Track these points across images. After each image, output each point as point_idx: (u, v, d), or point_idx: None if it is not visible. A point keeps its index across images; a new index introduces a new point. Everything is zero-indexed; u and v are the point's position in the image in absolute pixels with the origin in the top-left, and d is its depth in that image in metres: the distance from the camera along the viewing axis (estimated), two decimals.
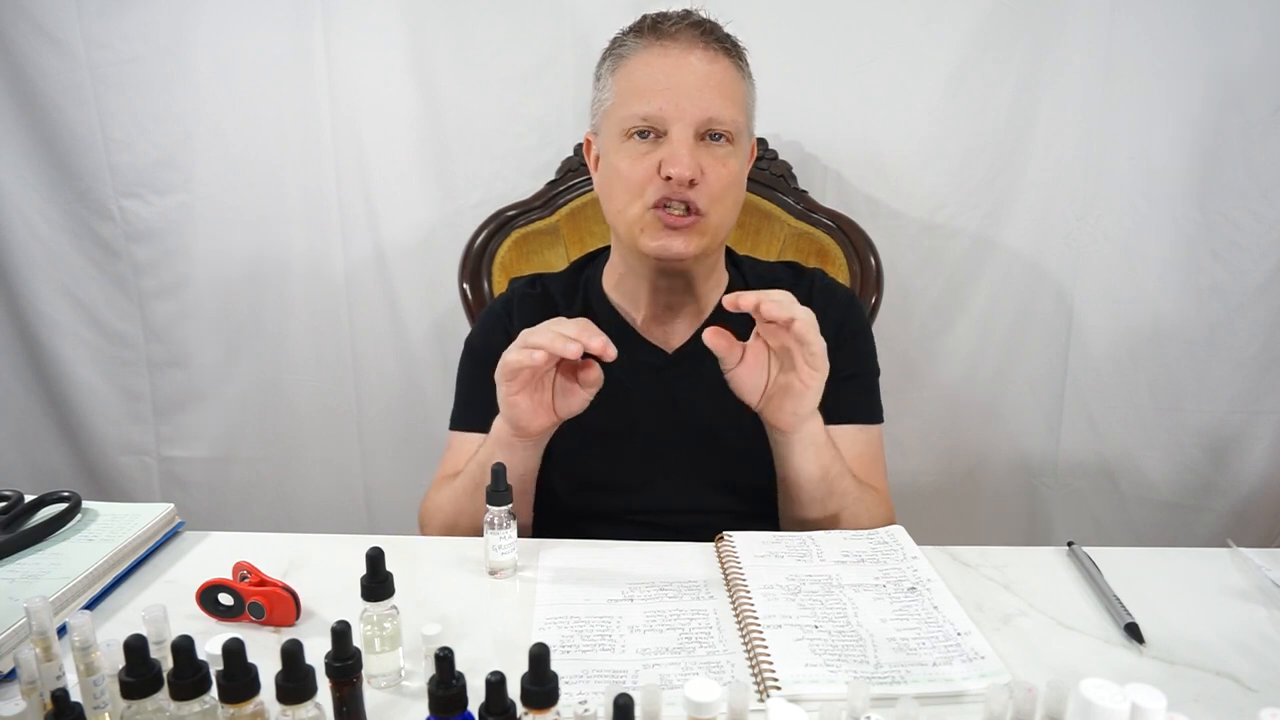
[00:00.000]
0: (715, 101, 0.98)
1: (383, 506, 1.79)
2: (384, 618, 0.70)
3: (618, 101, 1.02)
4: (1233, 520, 1.64)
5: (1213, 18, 1.43)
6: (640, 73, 1.00)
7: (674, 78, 0.98)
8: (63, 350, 1.71)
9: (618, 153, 1.02)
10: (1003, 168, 1.55)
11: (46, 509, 0.93)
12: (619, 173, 1.01)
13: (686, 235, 1.00)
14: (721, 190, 1.00)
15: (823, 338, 0.91)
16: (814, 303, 1.10)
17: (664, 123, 0.98)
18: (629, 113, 1.00)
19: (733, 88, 1.01)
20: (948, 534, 1.16)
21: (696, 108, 0.98)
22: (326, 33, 1.52)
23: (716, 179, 0.99)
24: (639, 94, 0.99)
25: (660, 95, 0.98)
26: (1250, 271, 1.53)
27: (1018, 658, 0.74)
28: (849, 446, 1.08)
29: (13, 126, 1.59)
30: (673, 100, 0.98)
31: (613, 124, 1.02)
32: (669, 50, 0.99)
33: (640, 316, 1.11)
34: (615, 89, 1.02)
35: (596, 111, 1.07)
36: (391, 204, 1.61)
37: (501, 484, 0.85)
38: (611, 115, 1.03)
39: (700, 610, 0.81)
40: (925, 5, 1.47)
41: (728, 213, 1.04)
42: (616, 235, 1.08)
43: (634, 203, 1.00)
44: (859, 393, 1.11)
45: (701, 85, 0.98)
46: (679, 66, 0.99)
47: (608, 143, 1.04)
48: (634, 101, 0.99)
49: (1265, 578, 0.87)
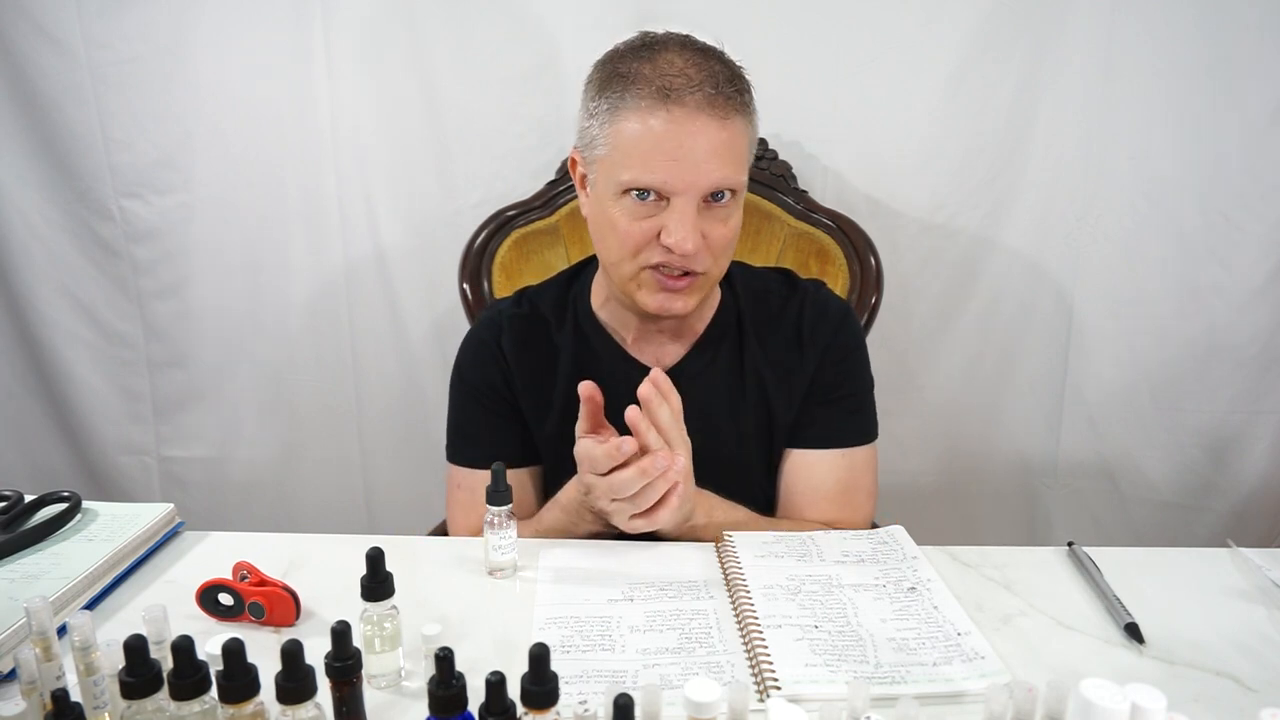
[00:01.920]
0: (721, 171, 0.93)
1: (383, 506, 1.79)
2: (384, 618, 0.70)
3: (615, 159, 0.94)
4: (1233, 520, 1.64)
5: (1213, 17, 1.43)
6: (641, 138, 0.92)
7: (680, 148, 0.91)
8: (63, 350, 1.71)
9: (614, 207, 0.96)
10: (1003, 168, 1.55)
11: (46, 509, 0.93)
12: (615, 228, 0.96)
13: (686, 295, 0.98)
14: (722, 249, 0.98)
15: None
16: (804, 321, 1.09)
17: (668, 191, 0.93)
18: (629, 177, 0.93)
19: (740, 150, 0.95)
20: (948, 534, 1.16)
21: (703, 182, 0.92)
22: (326, 33, 1.52)
23: (718, 239, 0.96)
24: (641, 162, 0.92)
25: (664, 168, 0.91)
26: (1250, 271, 1.53)
27: (1018, 658, 0.75)
28: (825, 476, 1.07)
29: (13, 126, 1.59)
30: (677, 174, 0.92)
31: (608, 176, 0.96)
32: (674, 115, 0.90)
33: (630, 337, 1.09)
34: (612, 143, 0.94)
35: (586, 146, 0.99)
36: (391, 204, 1.61)
37: (501, 484, 0.85)
38: (605, 166, 0.96)
39: (700, 610, 0.81)
40: (925, 5, 1.47)
41: (727, 263, 1.02)
42: (608, 277, 1.04)
43: (629, 260, 0.97)
44: (846, 414, 1.09)
45: (710, 154, 0.92)
46: (685, 135, 0.91)
47: (602, 190, 0.97)
48: (634, 167, 0.93)
49: (1265, 578, 0.87)
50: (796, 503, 1.08)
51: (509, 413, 1.09)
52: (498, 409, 1.09)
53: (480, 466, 1.07)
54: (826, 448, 1.07)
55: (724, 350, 1.09)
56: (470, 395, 1.10)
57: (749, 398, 1.07)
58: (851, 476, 1.08)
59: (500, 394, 1.09)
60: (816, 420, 1.08)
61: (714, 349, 1.09)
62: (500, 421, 1.09)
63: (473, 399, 1.10)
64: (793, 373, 1.08)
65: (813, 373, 1.08)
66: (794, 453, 1.09)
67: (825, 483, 1.07)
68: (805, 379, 1.08)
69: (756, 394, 1.07)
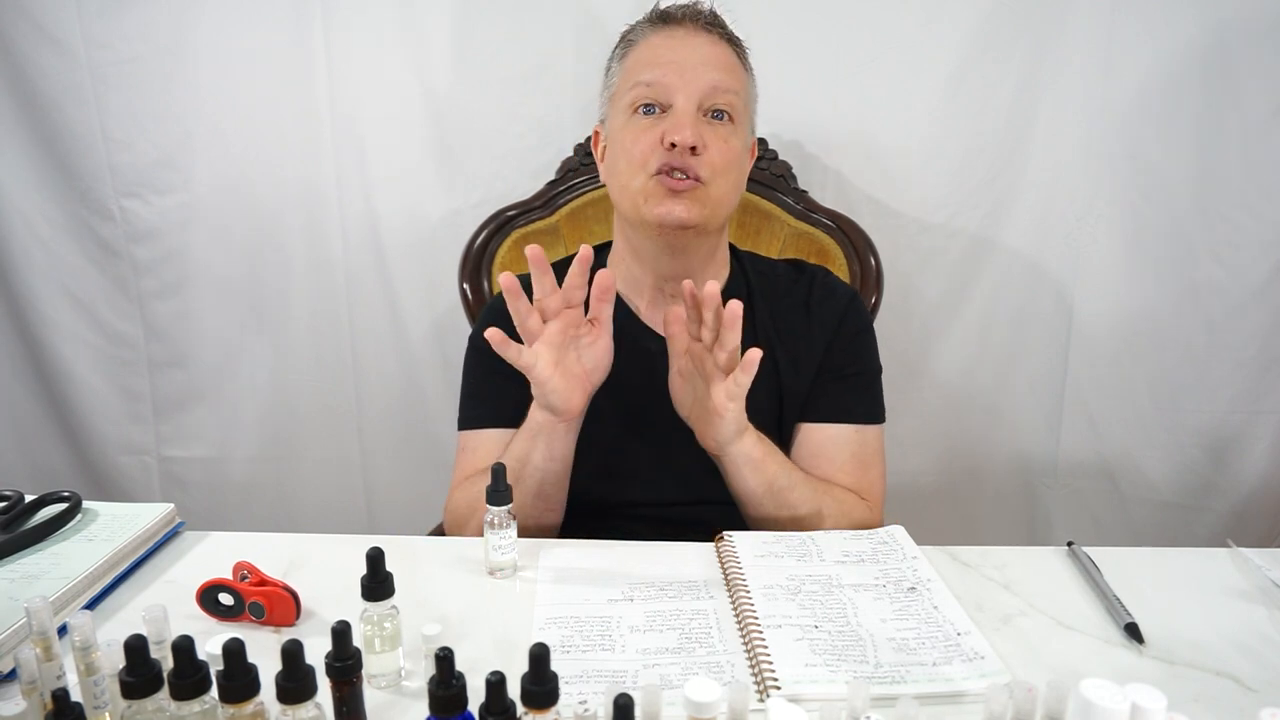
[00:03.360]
0: (717, 75, 1.02)
1: (383, 506, 1.79)
2: (384, 618, 0.70)
3: (624, 80, 1.05)
4: (1233, 520, 1.64)
5: (1213, 17, 1.43)
6: (646, 53, 1.05)
7: (678, 53, 1.02)
8: (63, 350, 1.71)
9: (624, 129, 1.04)
10: (1003, 168, 1.55)
11: (46, 509, 0.93)
12: (624, 146, 1.03)
13: (689, 201, 1.01)
14: (724, 164, 1.02)
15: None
16: (813, 300, 1.12)
17: (668, 93, 1.01)
18: (634, 82, 1.03)
19: (735, 69, 1.05)
20: (948, 534, 1.16)
21: (700, 79, 1.01)
22: (326, 33, 1.52)
23: (718, 152, 1.01)
24: (644, 67, 1.03)
25: (665, 67, 1.02)
26: (1249, 271, 1.53)
27: (1018, 658, 0.75)
28: (840, 448, 1.09)
29: (13, 126, 1.59)
30: (677, 71, 1.01)
31: (619, 102, 1.05)
32: (674, 32, 1.04)
33: (643, 303, 1.11)
34: (623, 72, 1.06)
35: (605, 99, 1.10)
36: (391, 204, 1.61)
37: (501, 484, 0.85)
38: (618, 94, 1.06)
39: (700, 610, 0.81)
40: (925, 5, 1.47)
41: (730, 188, 1.05)
42: (621, 213, 1.08)
43: (638, 174, 1.02)
44: (857, 391, 1.11)
45: (705, 61, 1.02)
46: (684, 44, 1.03)
47: (614, 123, 1.07)
48: (639, 73, 1.03)
49: (1265, 578, 0.87)
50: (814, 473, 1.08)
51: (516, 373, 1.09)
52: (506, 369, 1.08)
53: (485, 426, 1.10)
54: (839, 421, 1.09)
55: None
56: (479, 357, 1.12)
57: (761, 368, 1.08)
58: (864, 451, 1.09)
59: None
60: (827, 395, 1.10)
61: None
62: (507, 383, 1.08)
63: (481, 360, 1.11)
64: (801, 345, 1.11)
65: (822, 351, 1.10)
66: (806, 426, 1.10)
67: (840, 454, 1.08)
68: (815, 355, 1.10)
69: (768, 364, 1.08)
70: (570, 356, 0.95)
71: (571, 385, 0.95)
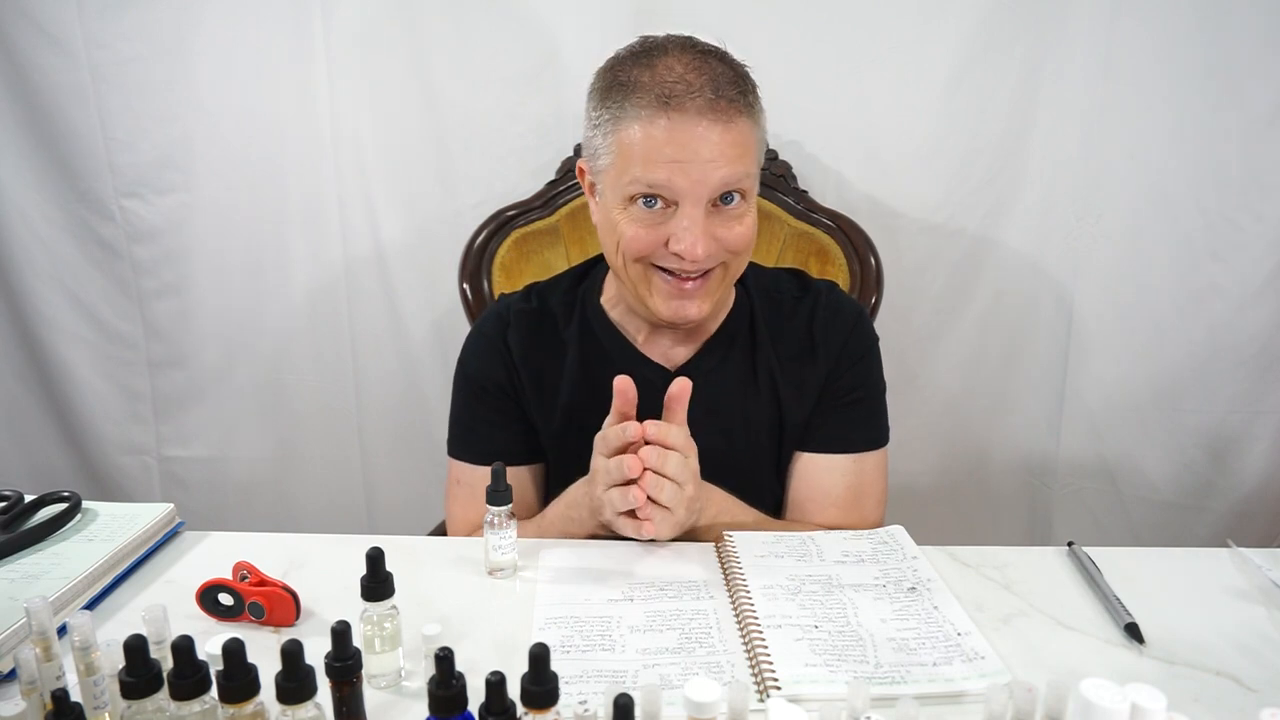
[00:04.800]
0: (728, 170, 0.91)
1: (383, 506, 1.79)
2: (384, 618, 0.70)
3: (619, 168, 0.94)
4: (1233, 520, 1.64)
5: (1212, 17, 1.43)
6: (644, 144, 0.91)
7: (683, 150, 0.90)
8: (63, 350, 1.71)
9: (621, 216, 0.95)
10: (1002, 168, 1.55)
11: (46, 509, 0.93)
12: (623, 237, 0.95)
13: (700, 299, 0.97)
14: (738, 249, 0.97)
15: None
16: (816, 322, 1.09)
17: (673, 194, 0.92)
18: (632, 178, 0.92)
19: (745, 149, 0.93)
20: (948, 534, 1.16)
21: (709, 182, 0.91)
22: (326, 33, 1.52)
23: (733, 240, 0.95)
24: (644, 168, 0.91)
25: (668, 167, 0.90)
26: (1250, 272, 1.53)
27: (1018, 658, 0.75)
28: (835, 479, 1.06)
29: (13, 126, 1.59)
30: (682, 173, 0.90)
31: (614, 185, 0.95)
32: (675, 122, 0.90)
33: (642, 337, 1.08)
34: (615, 153, 0.94)
35: (591, 156, 0.99)
36: (391, 204, 1.61)
37: (501, 484, 0.85)
38: (611, 175, 0.96)
39: (700, 610, 0.81)
40: (925, 5, 1.47)
41: (745, 261, 1.01)
42: (618, 279, 1.03)
43: (638, 263, 0.97)
44: (859, 418, 1.09)
45: (714, 156, 0.90)
46: (688, 139, 0.90)
47: (609, 200, 0.97)
48: (638, 173, 0.92)
49: (1265, 578, 0.87)
50: (805, 507, 1.07)
51: (512, 409, 1.08)
52: (500, 405, 1.08)
53: (481, 463, 1.07)
54: (837, 452, 1.07)
55: (736, 350, 1.08)
56: (473, 391, 1.09)
57: (760, 398, 1.07)
58: (861, 482, 1.07)
59: (503, 390, 1.08)
60: (828, 424, 1.07)
61: (726, 348, 1.08)
62: (502, 418, 1.08)
63: (475, 394, 1.09)
64: (805, 374, 1.07)
65: (825, 376, 1.07)
66: (804, 456, 1.08)
67: (835, 488, 1.06)
68: (818, 381, 1.07)
69: (768, 394, 1.07)
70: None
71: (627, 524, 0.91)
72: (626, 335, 1.08)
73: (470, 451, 1.09)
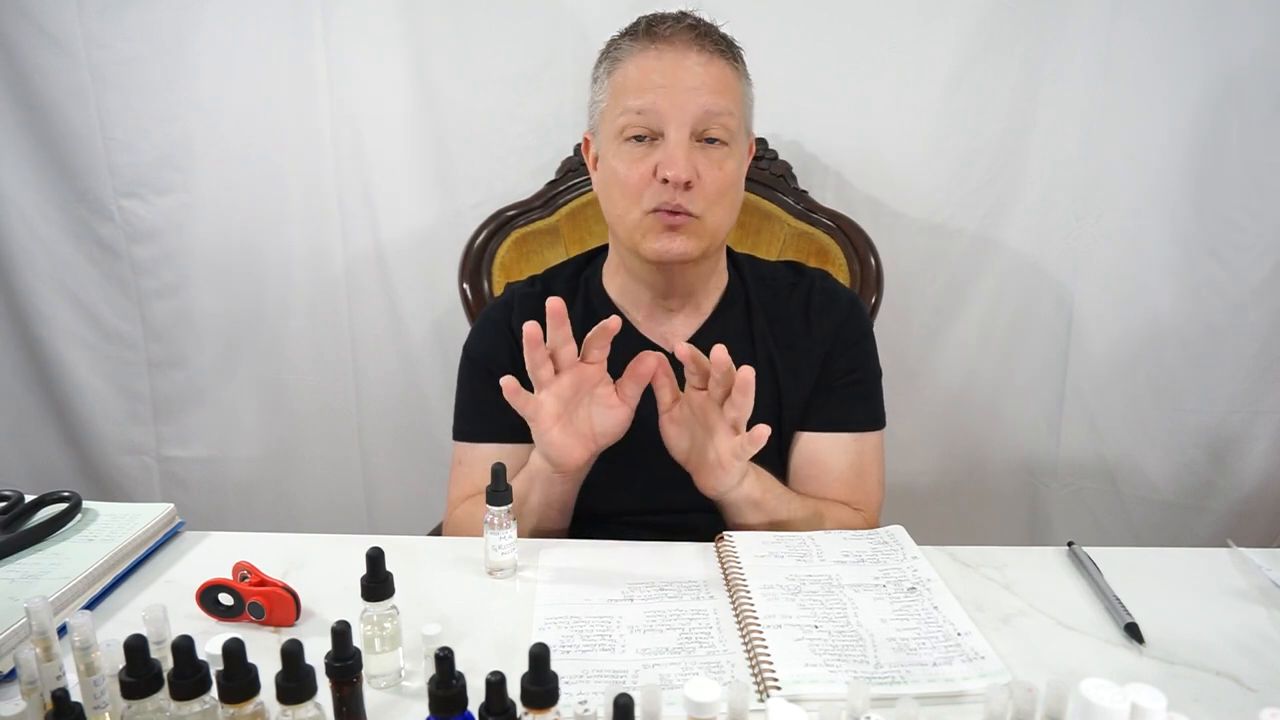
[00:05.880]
0: (710, 99, 0.98)
1: (383, 506, 1.79)
2: (384, 618, 0.70)
3: (612, 102, 1.02)
4: (1233, 520, 1.64)
5: (1212, 17, 1.43)
6: (635, 74, 1.00)
7: (669, 77, 0.98)
8: (63, 350, 1.71)
9: (615, 155, 1.02)
10: (1002, 168, 1.55)
11: (46, 509, 0.93)
12: (616, 175, 1.01)
13: (685, 236, 1.00)
14: (718, 193, 1.00)
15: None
16: (812, 306, 1.11)
17: (659, 121, 0.98)
18: (624, 107, 0.99)
19: (729, 87, 1.01)
20: (948, 534, 1.15)
21: (692, 106, 0.97)
22: (326, 33, 1.52)
23: (712, 182, 0.99)
24: (633, 92, 0.99)
25: (655, 93, 0.98)
26: (1250, 271, 1.53)
27: (1018, 658, 0.75)
28: (837, 457, 1.08)
29: (13, 126, 1.59)
30: (668, 98, 0.97)
31: (609, 125, 1.02)
32: (664, 52, 0.99)
33: (641, 316, 1.11)
34: (610, 90, 1.02)
35: (593, 113, 1.07)
36: (391, 204, 1.61)
37: (501, 484, 0.85)
38: (607, 116, 1.03)
39: (700, 610, 0.81)
40: (925, 5, 1.47)
41: (725, 214, 1.04)
42: (616, 237, 1.08)
43: (632, 208, 1.01)
44: (856, 399, 1.11)
45: (697, 85, 0.98)
46: (674, 67, 0.98)
47: (605, 145, 1.04)
48: (628, 98, 0.99)
49: (1265, 578, 0.87)
50: (808, 486, 1.08)
51: None
52: None
53: (481, 441, 1.09)
54: (837, 431, 1.09)
55: (732, 328, 1.10)
56: (477, 373, 1.11)
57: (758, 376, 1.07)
58: (862, 461, 1.09)
59: (505, 369, 1.08)
60: (827, 404, 1.09)
61: (722, 326, 1.10)
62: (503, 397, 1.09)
63: (478, 374, 1.11)
64: (800, 353, 1.10)
65: (822, 358, 1.10)
66: (804, 436, 1.10)
67: (838, 465, 1.08)
68: (814, 362, 1.10)
69: (766, 372, 1.08)
70: (580, 414, 0.94)
71: (573, 442, 0.93)
72: (627, 317, 1.11)
73: (470, 430, 1.11)
